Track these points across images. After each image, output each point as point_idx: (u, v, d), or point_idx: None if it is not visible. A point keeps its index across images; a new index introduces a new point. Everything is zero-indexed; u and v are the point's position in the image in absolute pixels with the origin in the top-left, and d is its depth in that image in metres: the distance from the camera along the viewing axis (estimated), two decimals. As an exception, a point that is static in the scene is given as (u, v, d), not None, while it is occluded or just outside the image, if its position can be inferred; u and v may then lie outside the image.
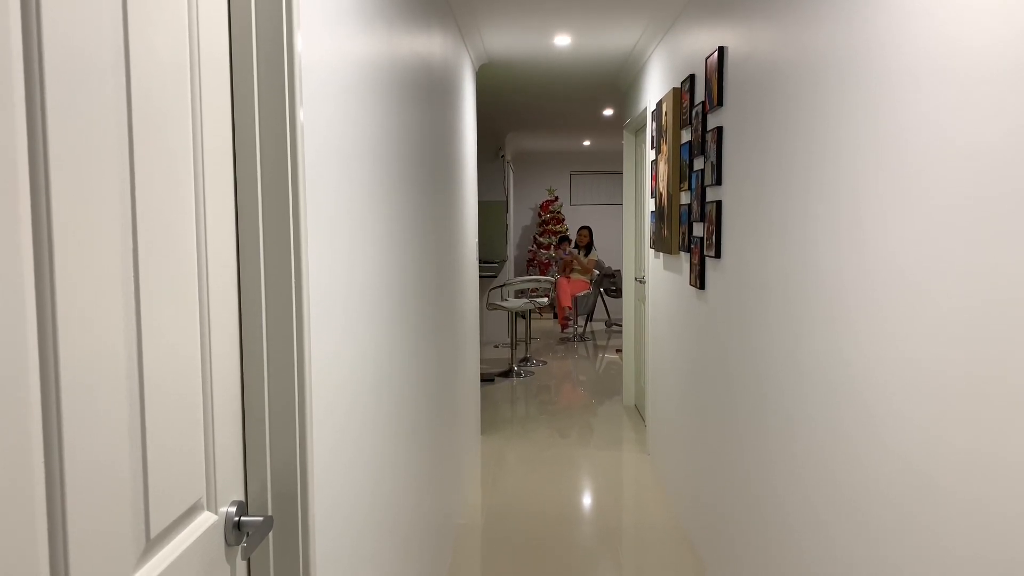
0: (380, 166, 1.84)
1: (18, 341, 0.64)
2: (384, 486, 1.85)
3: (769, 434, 2.18)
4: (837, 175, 1.70)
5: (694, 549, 3.16)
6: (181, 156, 0.94)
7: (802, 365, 1.92)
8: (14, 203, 0.64)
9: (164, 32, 0.91)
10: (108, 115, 0.78)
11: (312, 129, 1.28)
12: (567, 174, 11.06)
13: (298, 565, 1.20)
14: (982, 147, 1.16)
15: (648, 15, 3.80)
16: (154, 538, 0.88)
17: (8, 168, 0.63)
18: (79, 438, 0.72)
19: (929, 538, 1.32)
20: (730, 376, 2.62)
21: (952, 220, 1.24)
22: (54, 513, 0.69)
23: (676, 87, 3.47)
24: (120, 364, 0.80)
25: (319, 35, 1.34)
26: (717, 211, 2.73)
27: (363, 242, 1.66)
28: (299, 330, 1.18)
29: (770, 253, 2.17)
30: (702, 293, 3.04)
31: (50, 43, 0.68)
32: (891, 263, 1.44)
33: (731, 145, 2.59)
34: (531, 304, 6.93)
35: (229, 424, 1.09)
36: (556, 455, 4.48)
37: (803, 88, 1.91)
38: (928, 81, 1.32)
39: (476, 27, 4.02)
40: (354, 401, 1.56)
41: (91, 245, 0.74)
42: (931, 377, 1.30)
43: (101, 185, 0.76)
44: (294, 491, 1.18)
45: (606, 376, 6.77)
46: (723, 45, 2.69)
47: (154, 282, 0.87)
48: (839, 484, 1.69)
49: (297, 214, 1.16)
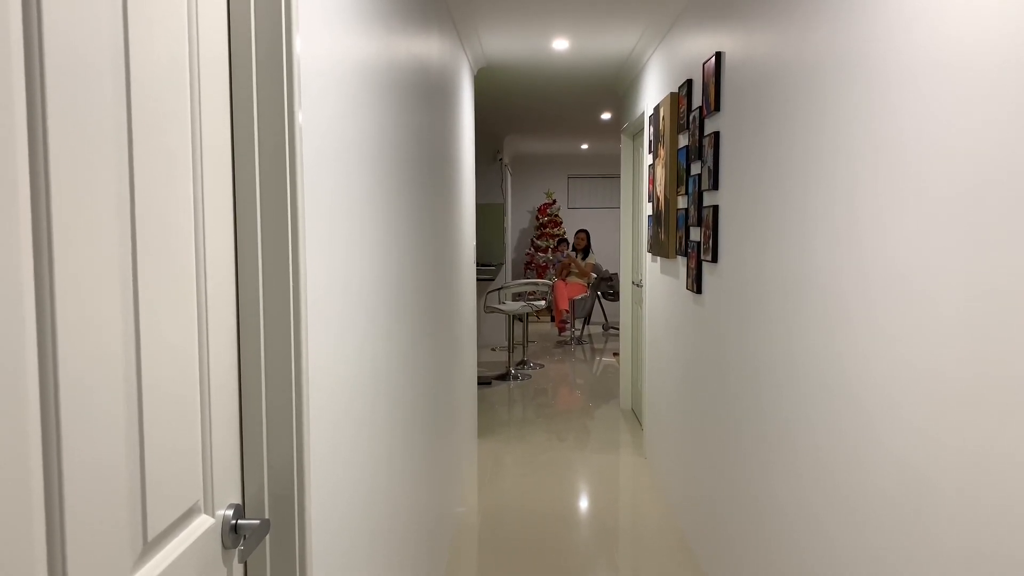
0: (378, 168, 1.84)
1: (17, 341, 0.64)
2: (381, 489, 1.85)
3: (766, 436, 2.19)
4: (834, 179, 1.70)
5: (691, 551, 3.16)
6: (180, 156, 0.94)
7: (799, 367, 1.92)
8: (14, 203, 0.64)
9: (164, 33, 0.91)
10: (108, 115, 0.78)
11: (310, 131, 1.28)
12: (565, 177, 11.07)
13: (295, 568, 1.19)
14: (979, 148, 1.17)
15: (646, 19, 3.81)
16: (151, 541, 0.87)
17: (8, 168, 0.63)
18: (77, 440, 0.72)
19: (926, 538, 1.32)
20: (727, 379, 2.63)
21: (949, 222, 1.25)
22: (52, 515, 0.69)
23: (674, 92, 3.48)
24: (118, 365, 0.80)
25: (318, 37, 1.34)
26: (714, 215, 2.73)
27: (361, 245, 1.66)
28: (296, 332, 1.17)
29: (767, 257, 2.17)
30: (699, 297, 3.04)
31: (51, 43, 0.68)
32: (888, 265, 1.45)
33: (728, 150, 2.60)
34: (528, 307, 6.94)
35: (226, 426, 1.09)
36: (553, 458, 4.48)
37: (800, 92, 1.92)
38: (924, 83, 1.32)
39: (474, 30, 4.03)
40: (351, 404, 1.56)
41: (90, 245, 0.74)
42: (928, 378, 1.31)
43: (101, 185, 0.76)
44: (291, 494, 1.18)
45: (603, 379, 6.77)
46: (720, 50, 2.70)
47: (152, 283, 0.87)
48: (837, 485, 1.69)
49: (295, 215, 1.16)
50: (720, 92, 2.70)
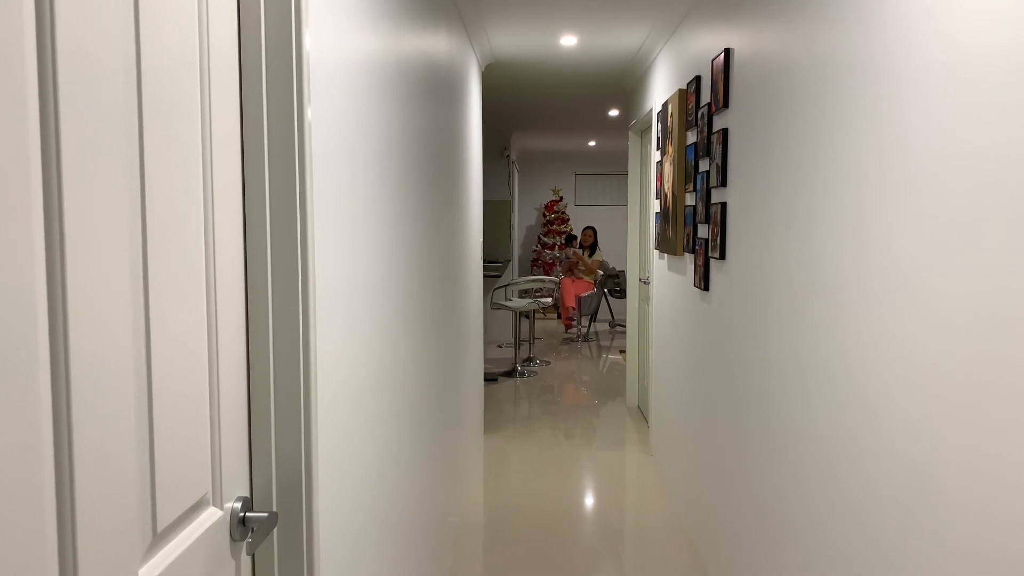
0: (386, 163, 1.85)
1: (29, 335, 0.65)
2: (387, 483, 1.85)
3: (772, 435, 2.18)
4: (842, 177, 1.70)
5: (696, 549, 3.16)
6: (190, 151, 0.95)
7: (806, 366, 1.92)
8: (26, 197, 0.65)
9: (174, 29, 0.91)
10: (119, 110, 0.78)
11: (319, 126, 1.29)
12: (572, 174, 11.06)
13: (302, 561, 1.20)
14: (987, 148, 1.16)
15: (654, 16, 3.80)
16: (160, 532, 0.88)
17: (21, 163, 0.64)
18: (88, 433, 0.73)
19: (931, 537, 1.32)
20: (733, 377, 2.62)
21: (956, 221, 1.24)
22: (63, 506, 0.70)
23: (682, 88, 3.47)
24: (128, 358, 0.80)
25: (327, 33, 1.35)
26: (722, 212, 2.73)
27: (368, 239, 1.66)
28: (305, 326, 1.18)
29: (774, 255, 2.17)
30: (706, 294, 3.04)
31: (63, 39, 0.69)
32: (895, 264, 1.44)
33: (737, 147, 2.59)
34: (535, 304, 6.94)
35: (235, 419, 1.10)
36: (559, 455, 4.48)
37: (809, 89, 1.91)
38: (933, 82, 1.32)
39: (482, 27, 4.02)
40: (358, 398, 1.57)
41: (102, 239, 0.75)
42: (935, 377, 1.30)
43: (111, 179, 0.77)
44: (299, 487, 1.19)
45: (609, 377, 6.77)
46: (729, 47, 2.69)
47: (162, 276, 0.87)
48: (842, 484, 1.69)
49: (304, 210, 1.17)
50: (729, 89, 2.69)
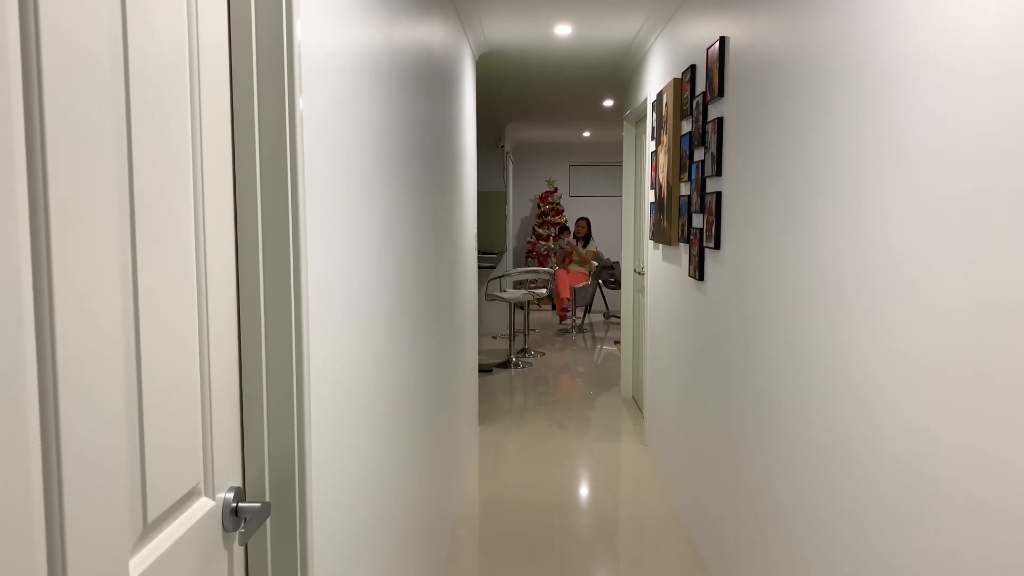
0: (379, 155, 1.84)
1: (15, 327, 0.64)
2: (382, 474, 1.86)
3: (767, 425, 2.19)
4: (837, 167, 1.70)
5: (691, 539, 3.17)
6: (180, 144, 0.94)
7: (800, 357, 1.92)
8: (11, 192, 0.64)
9: (163, 19, 0.90)
10: (106, 103, 0.78)
11: (311, 117, 1.28)
12: (567, 165, 11.04)
13: (295, 551, 1.20)
14: (982, 141, 1.16)
15: (649, 4, 3.78)
16: (151, 523, 0.88)
17: (5, 157, 0.63)
18: (76, 423, 0.72)
19: (927, 533, 1.32)
20: (728, 367, 2.63)
21: (952, 214, 1.24)
22: (51, 497, 0.69)
23: (677, 77, 3.46)
24: (118, 349, 0.80)
25: (319, 23, 1.34)
26: (717, 202, 2.73)
27: (362, 230, 1.65)
28: (297, 316, 1.18)
29: (769, 245, 2.17)
30: (701, 284, 3.04)
31: (47, 30, 0.68)
32: (890, 257, 1.44)
33: (731, 136, 2.59)
34: (530, 295, 6.94)
35: (227, 409, 1.09)
36: (554, 446, 4.49)
37: (804, 79, 1.91)
38: (928, 74, 1.31)
39: (476, 16, 4.00)
40: (352, 389, 1.56)
41: (89, 232, 0.74)
42: (930, 372, 1.31)
43: (99, 173, 0.76)
44: (292, 477, 1.19)
45: (604, 368, 6.78)
46: (724, 35, 2.68)
47: (152, 268, 0.87)
48: (835, 474, 1.70)
49: (296, 202, 1.16)
50: (724, 78, 2.69)
